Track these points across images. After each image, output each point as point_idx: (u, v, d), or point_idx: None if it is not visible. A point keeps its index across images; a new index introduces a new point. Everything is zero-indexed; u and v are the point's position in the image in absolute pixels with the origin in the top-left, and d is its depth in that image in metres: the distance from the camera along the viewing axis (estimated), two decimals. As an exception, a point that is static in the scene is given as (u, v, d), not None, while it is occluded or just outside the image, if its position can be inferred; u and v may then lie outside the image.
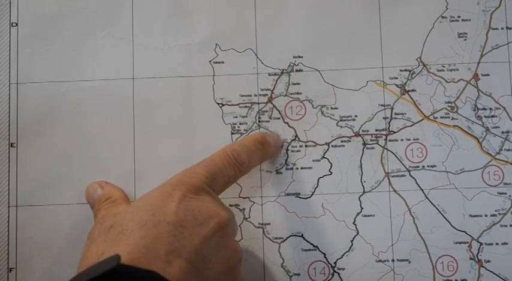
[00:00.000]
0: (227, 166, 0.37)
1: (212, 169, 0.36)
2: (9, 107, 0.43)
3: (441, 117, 0.42)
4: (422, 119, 0.42)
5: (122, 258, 0.29)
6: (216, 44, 0.43)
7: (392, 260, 0.41)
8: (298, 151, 0.42)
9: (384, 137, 0.42)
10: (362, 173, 0.42)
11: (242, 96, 0.43)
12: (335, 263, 0.41)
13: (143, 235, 0.31)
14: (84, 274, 0.29)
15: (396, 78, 0.42)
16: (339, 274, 0.41)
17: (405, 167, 0.42)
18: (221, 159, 0.37)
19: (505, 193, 0.41)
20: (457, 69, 0.42)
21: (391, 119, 0.42)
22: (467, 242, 0.41)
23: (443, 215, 0.41)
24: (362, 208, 0.42)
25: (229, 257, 0.34)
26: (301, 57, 0.43)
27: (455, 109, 0.42)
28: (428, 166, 0.42)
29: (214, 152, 0.38)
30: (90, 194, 0.41)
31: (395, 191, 0.42)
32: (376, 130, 0.42)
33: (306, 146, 0.42)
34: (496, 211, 0.41)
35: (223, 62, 0.43)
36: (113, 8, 0.44)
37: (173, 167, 0.41)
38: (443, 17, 0.43)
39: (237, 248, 0.35)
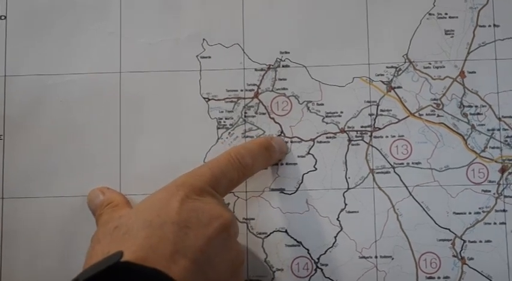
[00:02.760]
0: (231, 168, 0.37)
1: (216, 171, 0.36)
2: (-4, 100, 0.43)
3: (427, 114, 0.42)
4: (408, 116, 0.42)
5: (127, 257, 0.29)
6: (204, 39, 0.43)
7: (376, 257, 0.41)
8: (283, 146, 0.42)
9: (369, 133, 0.42)
10: (347, 169, 0.42)
11: (228, 91, 0.43)
12: (318, 259, 0.41)
13: (148, 235, 0.31)
14: (89, 269, 0.29)
15: (382, 75, 0.42)
16: (322, 269, 0.41)
17: (390, 164, 0.42)
18: (225, 162, 0.37)
19: (489, 191, 0.41)
20: (444, 67, 0.42)
21: (376, 116, 0.42)
22: (451, 240, 0.41)
23: (427, 212, 0.41)
24: (346, 204, 0.42)
25: (232, 258, 0.34)
26: (288, 53, 0.43)
27: (441, 106, 0.42)
28: (412, 163, 0.42)
29: (220, 154, 0.38)
30: (92, 200, 0.41)
31: (379, 187, 0.42)
32: (362, 127, 0.42)
33: (291, 141, 0.42)
34: (480, 208, 0.41)
35: (210, 57, 0.43)
36: (101, 3, 0.44)
37: (159, 160, 0.42)
38: (430, 14, 0.43)
39: (240, 250, 0.36)
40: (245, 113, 0.43)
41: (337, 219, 0.42)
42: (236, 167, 0.38)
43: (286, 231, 0.42)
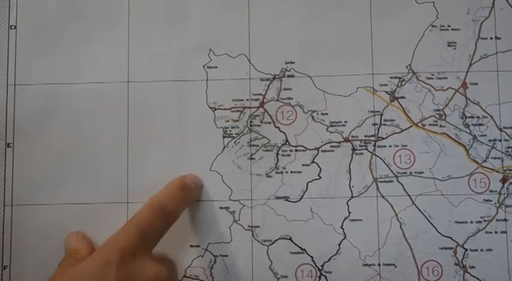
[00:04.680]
0: (156, 219, 0.38)
1: (143, 227, 0.37)
2: (6, 108, 0.44)
3: (429, 124, 0.43)
4: (411, 126, 0.43)
5: None
6: (210, 50, 0.44)
7: (379, 265, 0.42)
8: (288, 155, 0.43)
9: (372, 143, 0.43)
10: (350, 178, 0.43)
11: (234, 100, 0.43)
12: (322, 266, 0.42)
13: None
14: None
15: (386, 85, 0.43)
16: (326, 277, 0.42)
17: (393, 173, 0.42)
18: (149, 214, 0.38)
19: (491, 200, 0.42)
20: (446, 78, 0.43)
21: (380, 126, 0.43)
22: (453, 248, 0.42)
23: (429, 221, 0.42)
24: (350, 213, 0.42)
25: None
26: (293, 63, 0.44)
27: (443, 117, 0.43)
28: (415, 172, 0.42)
29: (140, 208, 0.38)
30: (66, 243, 0.41)
31: (382, 196, 0.42)
32: (365, 136, 0.43)
33: (296, 150, 0.43)
34: (481, 217, 0.42)
35: (216, 67, 0.44)
36: (110, 14, 0.45)
37: (166, 168, 0.43)
38: (433, 26, 0.43)
39: None
40: (251, 122, 0.43)
41: (341, 227, 0.42)
42: (161, 217, 0.38)
43: (290, 238, 0.42)
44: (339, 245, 0.42)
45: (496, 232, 0.42)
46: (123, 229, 0.37)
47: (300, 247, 0.42)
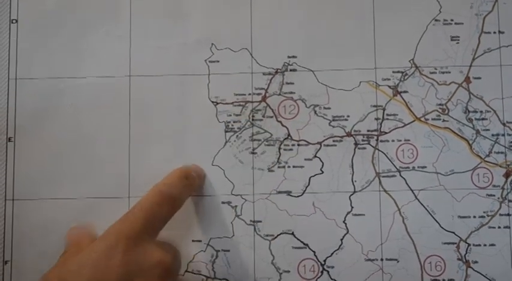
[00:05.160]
0: (161, 206, 0.37)
1: (148, 213, 0.37)
2: (7, 102, 0.44)
3: (432, 119, 0.43)
4: (414, 121, 0.43)
5: None
6: (212, 44, 0.44)
7: (381, 259, 0.42)
8: (290, 149, 0.43)
9: (375, 137, 0.43)
10: (353, 172, 0.42)
11: (236, 95, 0.43)
12: (325, 261, 0.42)
13: None
14: None
15: (389, 79, 0.43)
16: (328, 272, 0.42)
17: (396, 168, 0.42)
18: (153, 201, 0.37)
19: (494, 195, 0.42)
20: (449, 72, 0.43)
21: (382, 120, 0.43)
22: (456, 243, 0.42)
23: (432, 216, 0.42)
24: (352, 207, 0.42)
25: None
26: (296, 57, 0.43)
27: (446, 111, 0.42)
28: (418, 167, 0.42)
29: (146, 194, 0.38)
30: (69, 236, 0.41)
31: (385, 191, 0.42)
32: (368, 131, 0.43)
33: (298, 145, 0.43)
34: (484, 212, 0.42)
35: (218, 61, 0.44)
36: (111, 7, 0.44)
37: (168, 163, 0.42)
38: (436, 20, 0.43)
39: None
40: (253, 116, 0.43)
41: (344, 222, 0.42)
42: (165, 204, 0.38)
43: (293, 233, 0.42)
44: (342, 240, 0.42)
45: (499, 227, 0.42)
46: (127, 216, 0.37)
47: (302, 241, 0.42)
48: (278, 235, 0.42)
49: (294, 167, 0.43)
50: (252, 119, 0.43)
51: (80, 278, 0.33)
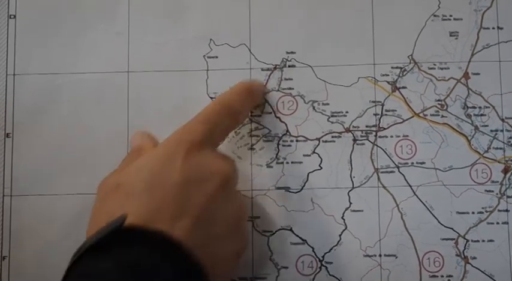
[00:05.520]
0: (223, 117, 0.38)
1: (210, 123, 0.36)
2: (5, 98, 0.43)
3: (431, 114, 0.42)
4: (413, 116, 0.43)
5: (130, 219, 0.30)
6: (211, 39, 0.44)
7: (380, 255, 0.42)
8: (289, 145, 0.43)
9: (374, 133, 0.43)
10: (352, 168, 0.42)
11: (235, 90, 0.43)
12: (323, 257, 0.42)
13: (150, 196, 0.32)
14: (94, 236, 0.30)
15: (387, 75, 0.43)
16: (326, 267, 0.42)
17: (394, 164, 0.42)
18: (216, 112, 0.37)
19: (492, 191, 0.42)
20: (448, 68, 0.43)
21: (381, 116, 0.43)
22: (454, 239, 0.42)
23: (430, 212, 0.42)
24: (351, 203, 0.42)
25: (234, 212, 0.35)
26: (294, 53, 0.43)
27: (445, 107, 0.42)
28: (417, 163, 0.42)
29: (207, 105, 0.38)
30: (132, 141, 0.41)
31: (384, 187, 0.42)
32: (367, 126, 0.43)
33: (296, 140, 0.43)
34: (483, 208, 0.42)
35: (217, 57, 0.44)
36: (109, 3, 0.44)
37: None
38: (435, 16, 0.43)
39: (242, 202, 0.37)
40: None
41: (342, 218, 0.42)
42: (227, 115, 0.38)
43: (291, 229, 0.42)
44: (340, 236, 0.42)
45: (497, 223, 0.41)
46: (189, 124, 0.36)
47: (300, 237, 0.42)
48: (276, 231, 0.42)
49: (292, 163, 0.43)
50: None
51: (138, 181, 0.33)
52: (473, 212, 0.42)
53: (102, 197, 0.34)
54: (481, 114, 0.42)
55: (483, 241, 0.41)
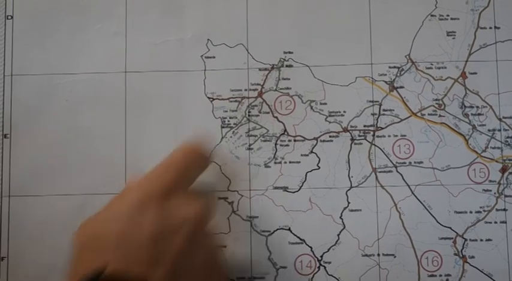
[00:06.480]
0: (190, 161, 0.38)
1: (180, 167, 0.37)
2: (3, 99, 0.43)
3: (429, 114, 0.43)
4: (410, 116, 0.43)
5: (107, 268, 0.31)
6: (208, 39, 0.44)
7: (378, 255, 0.42)
8: (286, 145, 0.43)
9: (371, 133, 0.43)
10: (349, 168, 0.42)
11: (232, 90, 0.43)
12: (321, 256, 0.42)
13: (124, 247, 0.32)
14: None
15: (385, 74, 0.43)
16: (325, 267, 0.42)
17: (392, 163, 0.42)
18: (182, 156, 0.37)
19: (490, 190, 0.42)
20: (445, 67, 0.43)
21: (379, 115, 0.43)
22: (452, 238, 0.42)
23: (428, 211, 0.42)
24: (349, 203, 0.42)
25: (208, 252, 0.35)
26: (292, 52, 0.43)
27: (442, 106, 0.42)
28: (415, 162, 0.42)
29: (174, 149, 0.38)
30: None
31: (382, 186, 0.42)
32: (364, 126, 0.43)
33: (294, 140, 0.43)
34: (480, 207, 0.42)
35: (214, 57, 0.44)
36: (107, 3, 0.44)
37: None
38: (432, 16, 0.43)
39: (214, 245, 0.37)
40: (249, 112, 0.43)
41: (340, 217, 0.42)
42: (193, 159, 0.38)
43: (289, 229, 0.42)
44: (338, 235, 0.42)
45: (495, 222, 0.42)
46: (160, 168, 0.36)
47: (299, 237, 0.42)
48: (275, 231, 0.42)
49: (290, 162, 0.43)
50: (248, 115, 0.43)
51: (114, 232, 0.33)
52: (471, 212, 0.42)
53: (79, 249, 0.34)
54: (479, 114, 0.42)
55: (481, 240, 0.41)
